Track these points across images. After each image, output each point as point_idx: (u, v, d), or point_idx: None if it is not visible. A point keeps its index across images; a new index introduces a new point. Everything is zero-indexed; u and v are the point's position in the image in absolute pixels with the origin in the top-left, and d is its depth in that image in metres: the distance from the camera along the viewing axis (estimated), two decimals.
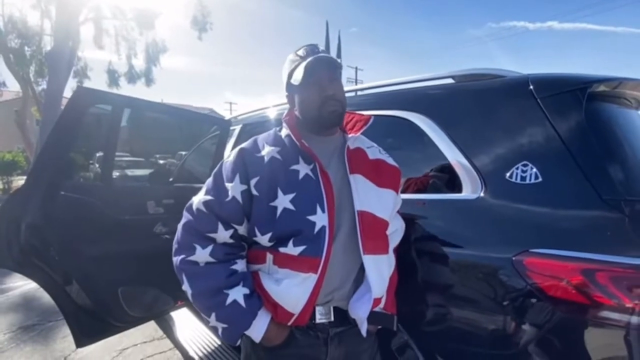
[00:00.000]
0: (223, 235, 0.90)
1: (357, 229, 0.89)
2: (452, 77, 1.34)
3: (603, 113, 1.08)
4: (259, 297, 0.90)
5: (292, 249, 0.86)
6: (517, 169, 1.01)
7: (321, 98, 0.93)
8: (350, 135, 1.00)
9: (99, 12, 12.48)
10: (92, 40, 13.17)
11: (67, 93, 11.38)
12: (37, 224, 1.41)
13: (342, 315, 0.93)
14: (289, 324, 0.88)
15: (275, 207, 0.87)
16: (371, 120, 1.03)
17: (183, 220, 0.94)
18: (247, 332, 0.88)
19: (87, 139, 1.79)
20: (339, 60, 0.96)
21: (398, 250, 1.10)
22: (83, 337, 1.61)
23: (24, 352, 2.44)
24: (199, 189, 0.97)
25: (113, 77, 14.79)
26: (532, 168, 0.99)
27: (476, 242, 1.02)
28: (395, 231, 1.07)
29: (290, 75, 0.98)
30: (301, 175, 0.90)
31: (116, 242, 1.63)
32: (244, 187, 0.89)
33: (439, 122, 1.22)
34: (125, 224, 1.65)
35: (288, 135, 0.96)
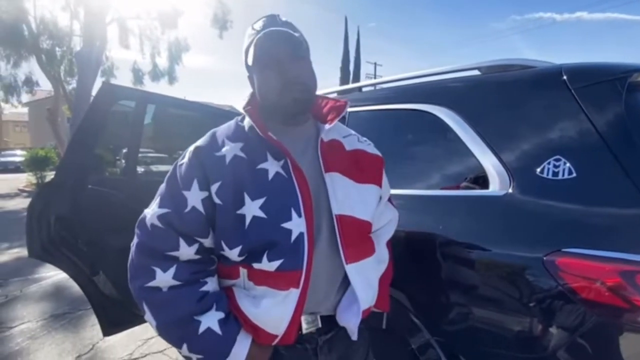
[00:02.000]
0: (187, 252, 0.76)
1: (336, 235, 0.77)
2: (479, 68, 1.29)
3: None
4: (235, 319, 0.77)
5: (267, 264, 0.73)
6: (548, 164, 0.96)
7: (280, 82, 0.76)
8: (324, 126, 0.84)
9: (123, 12, 12.88)
10: (117, 40, 13.64)
11: (95, 92, 11.83)
12: (65, 216, 1.47)
13: (329, 320, 0.83)
14: (273, 344, 0.77)
15: (244, 216, 0.73)
16: (347, 107, 0.88)
17: (135, 240, 0.79)
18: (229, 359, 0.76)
19: (114, 135, 1.83)
20: (297, 34, 0.78)
21: (392, 244, 1.01)
22: (109, 327, 1.67)
23: (55, 339, 2.56)
24: None
25: (137, 75, 15.28)
26: (565, 163, 0.93)
27: (504, 240, 0.98)
28: (389, 222, 0.98)
29: (246, 53, 0.81)
30: (271, 175, 0.75)
31: None
32: (205, 194, 0.75)
33: (464, 116, 1.17)
34: None
35: (252, 127, 0.79)
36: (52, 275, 3.85)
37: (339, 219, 0.78)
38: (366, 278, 0.83)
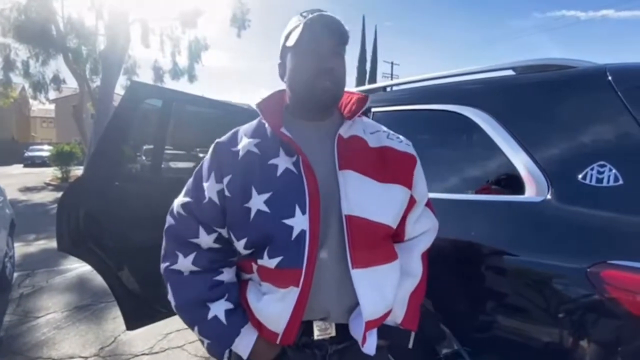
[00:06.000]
0: (206, 240, 0.81)
1: (344, 237, 0.74)
2: (513, 68, 1.24)
3: None
4: (244, 312, 0.80)
5: (267, 261, 0.73)
6: (592, 169, 0.91)
7: (317, 68, 0.74)
8: (345, 122, 0.81)
9: (146, 13, 13.20)
10: (139, 39, 13.97)
11: (118, 89, 12.18)
12: (94, 212, 1.50)
13: (346, 330, 0.79)
14: (277, 342, 0.76)
15: (249, 209, 0.74)
16: (368, 101, 0.85)
17: (166, 225, 0.86)
18: (233, 349, 0.80)
19: (140, 133, 1.86)
20: (347, 29, 0.77)
21: (429, 253, 0.92)
22: (133, 321, 1.69)
23: (79, 330, 2.64)
24: None
25: (158, 74, 15.62)
26: (610, 169, 0.88)
27: (542, 249, 0.93)
28: (426, 232, 0.90)
29: (287, 37, 0.79)
30: (280, 171, 0.75)
31: None
32: (220, 186, 0.78)
33: (498, 117, 1.12)
34: None
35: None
36: (77, 267, 3.98)
37: (348, 219, 0.74)
38: (376, 287, 0.76)
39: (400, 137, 0.88)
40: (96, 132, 10.81)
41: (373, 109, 1.57)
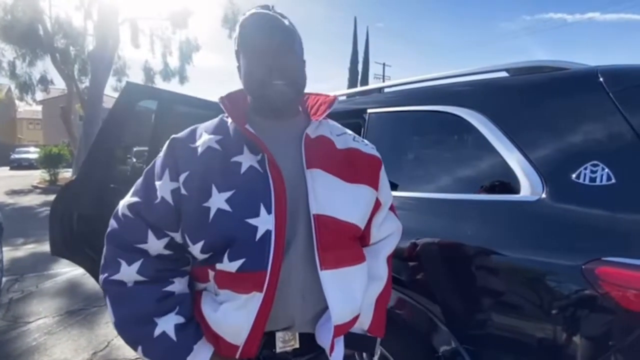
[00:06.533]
0: (155, 245, 0.73)
1: (312, 238, 0.70)
2: (507, 70, 1.26)
3: None
4: (197, 326, 0.72)
5: (228, 265, 0.67)
6: (585, 169, 0.93)
7: (264, 72, 0.71)
8: (312, 122, 0.78)
9: (135, 12, 13.05)
10: (129, 39, 13.82)
11: (107, 90, 12.02)
12: (88, 214, 1.48)
13: (310, 340, 0.74)
14: (237, 357, 0.69)
15: (209, 209, 0.68)
16: (336, 102, 0.82)
17: (108, 229, 0.76)
18: None
19: (130, 133, 1.84)
20: (287, 22, 0.74)
21: (392, 258, 0.91)
22: None
23: (71, 335, 2.59)
24: None
25: (149, 75, 15.46)
26: (603, 168, 0.91)
27: (538, 248, 0.95)
28: (390, 236, 0.89)
29: (235, 40, 0.77)
30: (244, 169, 0.70)
31: None
32: (175, 184, 0.71)
33: (492, 118, 1.15)
34: None
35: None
36: (67, 271, 3.90)
37: (316, 219, 0.70)
38: (346, 288, 0.73)
39: (365, 140, 0.87)
40: (85, 134, 10.64)
41: (369, 110, 1.58)
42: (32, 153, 19.64)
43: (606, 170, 0.90)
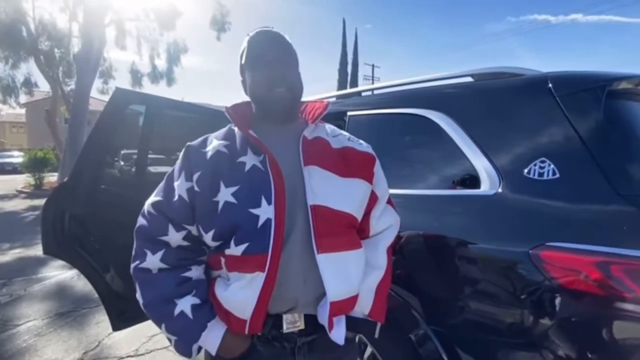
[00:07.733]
0: (175, 237, 0.85)
1: (310, 227, 0.79)
2: (471, 75, 1.37)
3: (623, 110, 1.09)
4: (211, 307, 0.84)
5: (234, 249, 0.78)
6: (534, 165, 1.04)
7: (269, 78, 0.84)
8: (309, 125, 0.89)
9: (122, 14, 12.90)
10: (115, 41, 13.64)
11: (93, 93, 11.87)
12: (79, 214, 1.54)
13: (315, 322, 0.83)
14: (246, 332, 0.79)
15: (217, 202, 0.80)
16: (328, 107, 0.94)
17: (137, 225, 0.89)
18: (201, 344, 0.82)
19: (124, 138, 1.90)
20: (287, 38, 0.88)
21: (394, 248, 1.00)
22: (119, 322, 1.73)
23: (61, 336, 2.62)
24: None
25: (136, 77, 15.29)
26: (549, 164, 1.02)
27: (494, 236, 1.06)
28: (388, 227, 0.97)
29: (241, 56, 0.90)
30: (248, 167, 0.82)
31: None
32: (189, 184, 0.83)
33: (458, 120, 1.25)
34: None
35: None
36: (56, 275, 3.90)
37: (313, 209, 0.80)
38: (341, 269, 0.81)
39: (361, 140, 0.98)
40: (71, 137, 10.47)
41: (349, 113, 1.68)
42: (16, 157, 19.22)
43: (552, 166, 1.01)
